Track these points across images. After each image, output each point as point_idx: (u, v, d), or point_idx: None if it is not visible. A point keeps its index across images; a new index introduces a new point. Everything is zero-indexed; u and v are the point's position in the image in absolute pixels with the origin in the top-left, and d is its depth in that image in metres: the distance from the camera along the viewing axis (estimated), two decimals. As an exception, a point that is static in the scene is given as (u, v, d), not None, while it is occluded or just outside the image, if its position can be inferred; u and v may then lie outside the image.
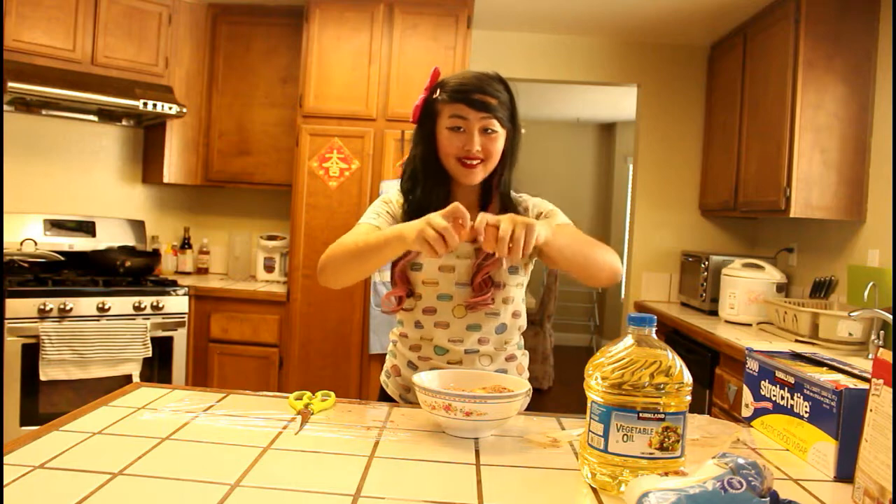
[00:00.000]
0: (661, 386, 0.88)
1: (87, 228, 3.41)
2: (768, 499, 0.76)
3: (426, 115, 1.42)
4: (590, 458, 0.92)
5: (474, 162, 1.37)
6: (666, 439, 0.88)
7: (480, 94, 1.35)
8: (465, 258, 1.40)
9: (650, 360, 0.90)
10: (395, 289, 1.43)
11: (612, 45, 3.84)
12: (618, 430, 0.88)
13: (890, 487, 0.82)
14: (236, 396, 1.29)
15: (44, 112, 3.32)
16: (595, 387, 0.91)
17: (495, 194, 1.44)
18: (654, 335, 0.94)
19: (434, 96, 1.41)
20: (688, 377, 0.91)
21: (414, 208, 1.40)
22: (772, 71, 3.00)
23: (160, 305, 3.06)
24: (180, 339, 3.14)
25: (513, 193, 1.46)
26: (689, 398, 0.91)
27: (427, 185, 1.41)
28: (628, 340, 0.93)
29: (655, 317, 0.94)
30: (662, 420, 0.88)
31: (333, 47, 3.24)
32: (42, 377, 2.73)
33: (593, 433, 0.91)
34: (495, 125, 1.36)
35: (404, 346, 1.48)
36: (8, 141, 3.24)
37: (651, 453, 0.88)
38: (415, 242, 1.16)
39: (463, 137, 1.36)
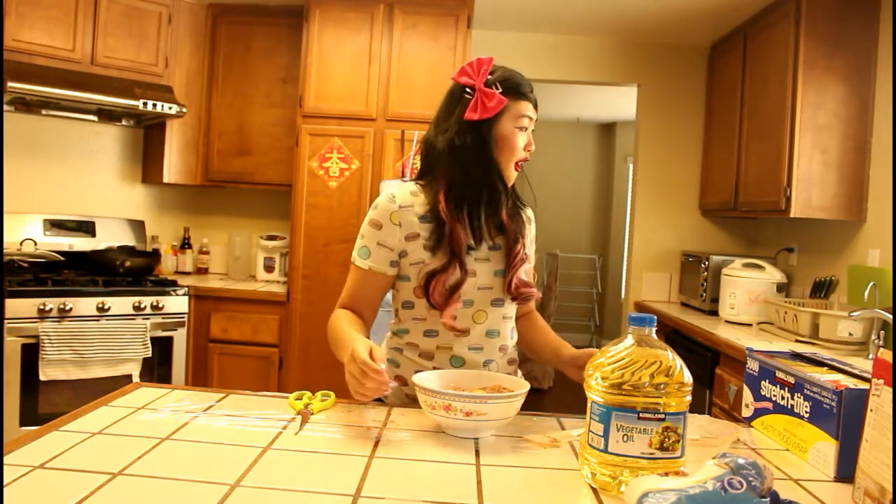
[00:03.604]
0: (662, 386, 0.88)
1: (86, 228, 3.41)
2: (768, 499, 0.75)
3: (487, 108, 1.30)
4: (590, 458, 0.92)
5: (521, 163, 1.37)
6: (666, 439, 0.88)
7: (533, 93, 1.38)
8: (484, 261, 1.36)
9: (650, 360, 0.90)
10: (448, 308, 1.33)
11: (612, 45, 3.84)
12: (618, 431, 0.88)
13: (890, 487, 0.82)
14: (236, 396, 1.29)
15: (44, 112, 3.31)
16: (595, 387, 0.91)
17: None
18: (655, 335, 0.94)
19: (493, 89, 1.32)
20: (688, 377, 0.91)
21: (457, 204, 1.32)
22: (772, 71, 3.00)
23: (160, 305, 3.06)
24: (180, 339, 3.13)
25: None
26: (689, 398, 0.91)
27: (477, 184, 1.32)
28: (628, 340, 0.93)
29: (655, 317, 0.94)
30: (662, 420, 0.88)
31: (333, 47, 3.24)
32: (42, 377, 2.73)
33: (593, 433, 0.91)
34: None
35: (412, 353, 1.42)
36: (8, 141, 3.23)
37: (651, 453, 0.88)
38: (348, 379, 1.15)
39: (526, 137, 1.36)
